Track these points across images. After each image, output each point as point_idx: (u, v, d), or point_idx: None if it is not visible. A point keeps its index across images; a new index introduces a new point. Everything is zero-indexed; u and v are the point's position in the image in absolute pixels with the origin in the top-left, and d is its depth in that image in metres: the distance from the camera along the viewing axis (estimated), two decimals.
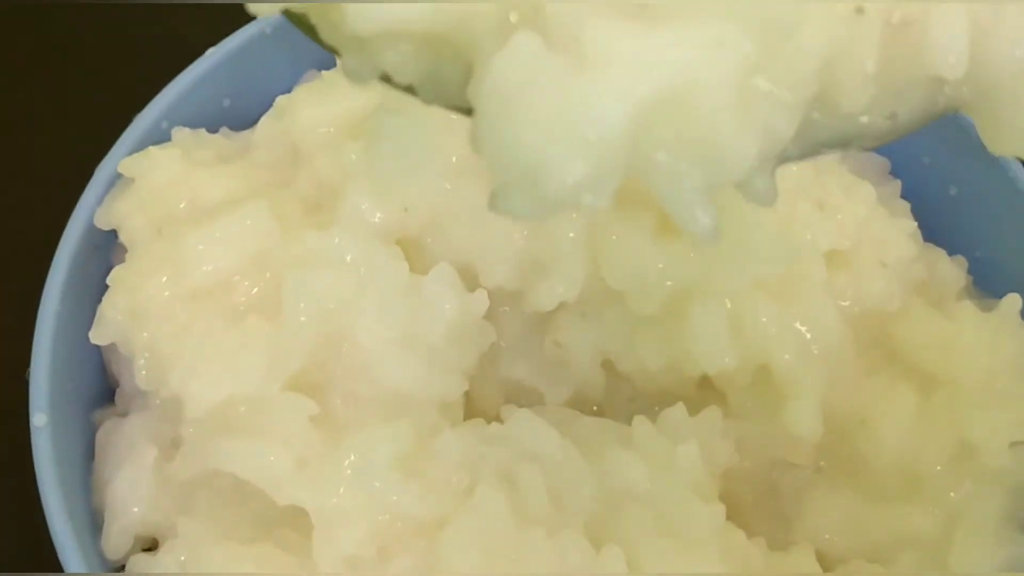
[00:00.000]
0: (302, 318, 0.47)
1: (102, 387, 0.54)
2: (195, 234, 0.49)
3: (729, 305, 0.50)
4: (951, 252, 0.58)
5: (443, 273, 0.50)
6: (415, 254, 0.50)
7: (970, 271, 0.58)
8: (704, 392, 0.53)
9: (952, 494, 0.51)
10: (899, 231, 0.53)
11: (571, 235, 0.49)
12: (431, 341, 0.49)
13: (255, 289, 0.49)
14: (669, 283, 0.49)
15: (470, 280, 0.51)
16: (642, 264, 0.49)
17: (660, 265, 0.49)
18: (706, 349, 0.50)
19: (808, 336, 0.50)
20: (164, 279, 0.49)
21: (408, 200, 0.50)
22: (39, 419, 0.48)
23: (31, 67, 0.69)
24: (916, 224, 0.56)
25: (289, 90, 0.56)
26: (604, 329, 0.51)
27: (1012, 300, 0.53)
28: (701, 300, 0.49)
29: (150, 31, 0.67)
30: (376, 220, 0.50)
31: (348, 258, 0.48)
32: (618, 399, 0.54)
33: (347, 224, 0.49)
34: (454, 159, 0.50)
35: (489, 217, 0.49)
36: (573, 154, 0.30)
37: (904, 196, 0.59)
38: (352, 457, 0.46)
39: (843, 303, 0.52)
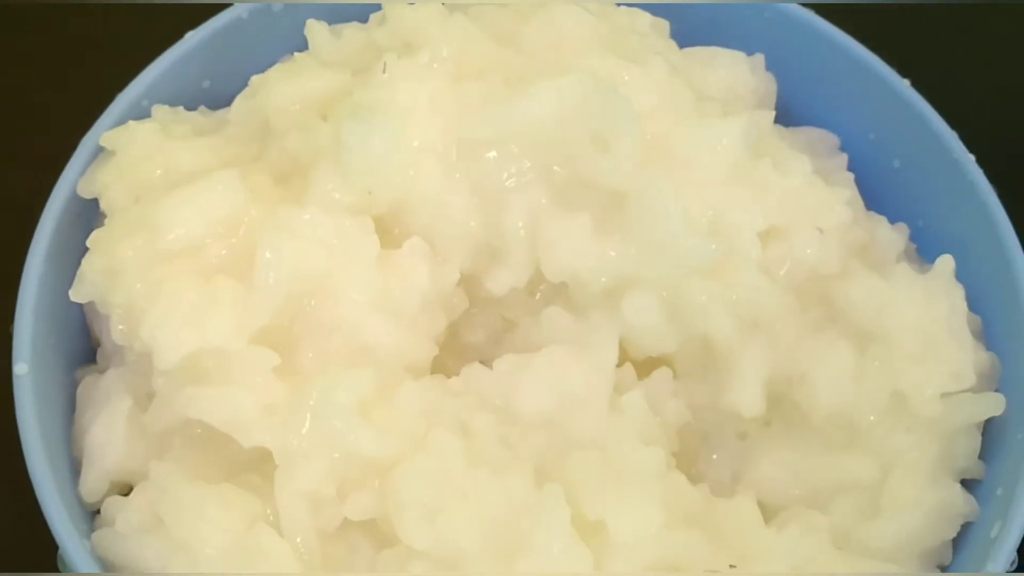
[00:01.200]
0: (271, 277, 0.50)
1: (85, 346, 0.57)
2: (168, 200, 0.52)
3: (664, 294, 0.52)
4: (894, 221, 0.60)
5: (417, 245, 0.53)
6: (380, 234, 0.52)
7: (913, 239, 0.61)
8: (653, 361, 0.55)
9: (886, 443, 0.53)
10: (835, 198, 0.55)
11: (520, 224, 0.52)
12: (405, 307, 0.52)
13: (224, 251, 0.52)
14: (604, 279, 0.52)
15: None
16: (578, 261, 0.52)
17: (591, 263, 0.52)
18: (644, 338, 0.53)
19: (745, 312, 0.53)
20: (139, 241, 0.51)
21: (373, 184, 0.52)
22: (20, 368, 0.51)
23: (24, 52, 0.73)
24: (853, 192, 0.58)
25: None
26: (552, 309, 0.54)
27: (945, 261, 0.56)
28: (632, 292, 0.52)
29: (134, 14, 0.70)
30: (343, 202, 0.52)
31: (320, 231, 0.51)
32: None
33: (317, 203, 0.52)
34: (416, 143, 0.52)
35: (448, 203, 0.52)
36: None
37: (851, 169, 0.62)
38: (314, 398, 0.49)
39: (780, 271, 0.54)
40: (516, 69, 0.54)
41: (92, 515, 0.52)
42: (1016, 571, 0.51)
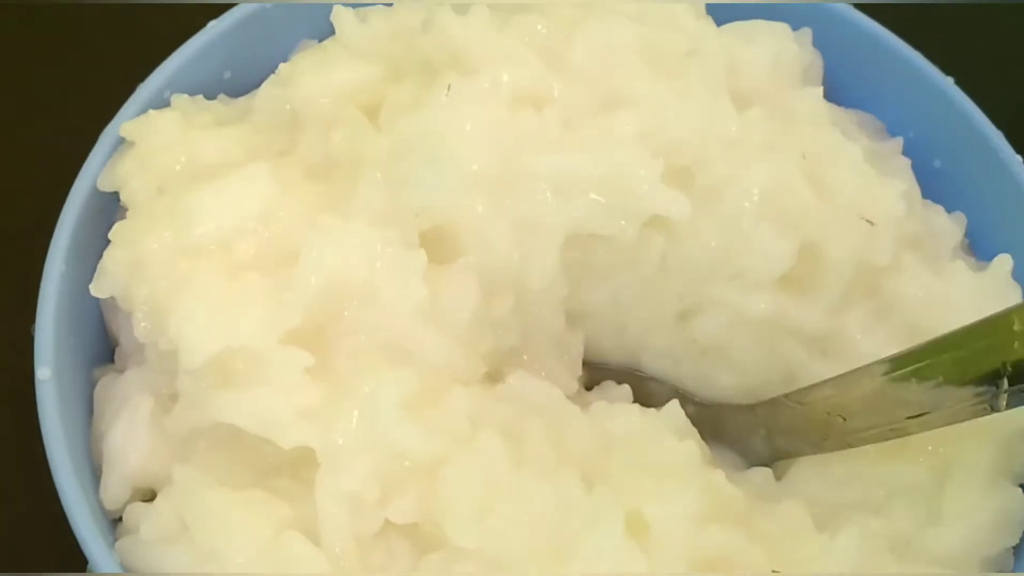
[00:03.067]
0: (312, 279, 0.48)
1: (103, 346, 0.54)
2: (197, 191, 0.50)
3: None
4: None
5: (470, 262, 0.51)
6: (425, 247, 0.50)
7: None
8: None
9: (942, 448, 0.51)
10: (888, 190, 0.53)
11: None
12: (453, 321, 0.50)
13: (254, 247, 0.49)
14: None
15: None
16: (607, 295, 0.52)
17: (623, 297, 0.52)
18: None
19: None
20: (165, 234, 0.49)
21: (421, 206, 0.50)
22: (43, 373, 0.49)
23: (46, 43, 0.71)
24: (909, 181, 0.57)
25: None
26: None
27: (1002, 260, 0.55)
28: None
29: (154, 4, 0.69)
30: (389, 215, 0.50)
31: (366, 242, 0.49)
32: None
33: (363, 213, 0.50)
34: (475, 167, 0.50)
35: (493, 228, 0.50)
36: None
37: None
38: (361, 398, 0.47)
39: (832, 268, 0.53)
40: (571, 100, 0.52)
41: (114, 522, 0.50)
42: None
